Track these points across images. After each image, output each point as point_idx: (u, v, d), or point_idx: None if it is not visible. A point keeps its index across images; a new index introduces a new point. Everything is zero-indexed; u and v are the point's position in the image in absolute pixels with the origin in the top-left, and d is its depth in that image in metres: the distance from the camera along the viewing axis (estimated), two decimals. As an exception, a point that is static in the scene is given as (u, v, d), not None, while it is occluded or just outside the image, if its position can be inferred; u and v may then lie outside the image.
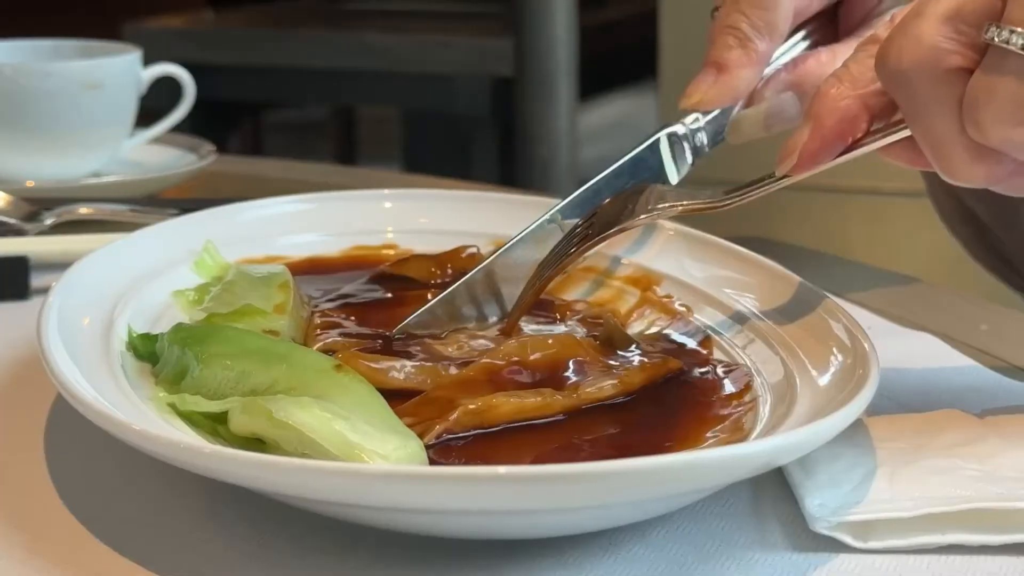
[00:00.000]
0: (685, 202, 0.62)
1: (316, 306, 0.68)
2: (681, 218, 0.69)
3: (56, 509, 0.54)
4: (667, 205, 0.62)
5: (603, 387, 0.58)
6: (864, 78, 0.56)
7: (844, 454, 0.54)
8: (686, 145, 0.71)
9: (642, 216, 0.63)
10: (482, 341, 0.63)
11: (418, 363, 0.59)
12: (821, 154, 0.56)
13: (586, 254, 0.65)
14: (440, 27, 2.32)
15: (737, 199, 0.60)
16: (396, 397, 0.56)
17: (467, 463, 0.53)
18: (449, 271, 0.71)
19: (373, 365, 0.58)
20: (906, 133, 0.55)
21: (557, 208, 0.69)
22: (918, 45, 0.52)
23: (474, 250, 0.72)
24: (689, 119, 0.71)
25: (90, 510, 0.54)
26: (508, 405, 0.56)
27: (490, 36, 2.22)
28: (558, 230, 0.68)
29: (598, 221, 0.64)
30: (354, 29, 2.33)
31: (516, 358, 0.59)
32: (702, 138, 0.71)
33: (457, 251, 0.73)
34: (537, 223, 0.68)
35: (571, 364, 0.59)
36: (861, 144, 0.56)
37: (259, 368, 0.55)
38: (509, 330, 0.65)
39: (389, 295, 0.70)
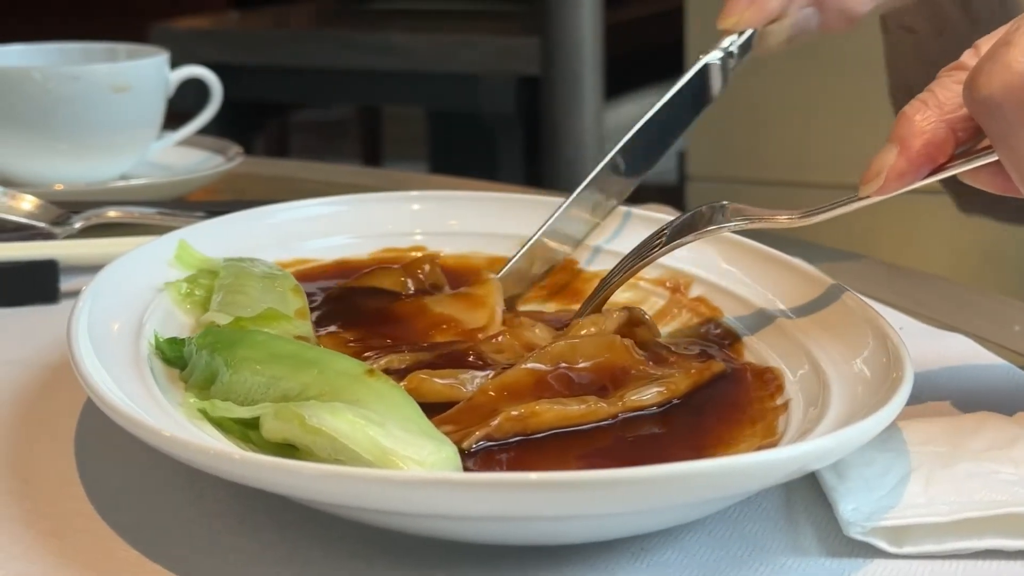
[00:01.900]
0: (763, 218, 0.62)
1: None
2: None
3: (87, 515, 0.54)
4: (743, 220, 0.62)
5: (649, 395, 0.58)
6: (950, 104, 0.56)
7: (878, 458, 0.54)
8: (721, 67, 0.77)
9: (713, 228, 0.63)
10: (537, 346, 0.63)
11: (484, 373, 0.59)
12: (908, 176, 0.57)
13: (652, 262, 0.65)
14: (465, 27, 2.32)
15: (815, 217, 0.60)
16: (436, 404, 0.56)
17: (509, 469, 0.53)
18: (422, 279, 0.70)
19: (440, 381, 0.58)
20: (993, 158, 0.55)
21: (616, 151, 0.73)
22: (1008, 71, 0.53)
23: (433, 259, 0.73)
24: (725, 42, 0.77)
25: (120, 516, 0.54)
26: (551, 413, 0.55)
27: (515, 35, 2.22)
28: (620, 171, 0.73)
29: (671, 230, 0.64)
30: (379, 29, 2.33)
31: (564, 363, 0.58)
32: (734, 59, 0.77)
33: (420, 260, 0.72)
34: (597, 170, 0.73)
35: (618, 370, 0.59)
36: (946, 168, 0.57)
37: (289, 373, 0.55)
38: (571, 331, 0.63)
39: (380, 306, 0.68)
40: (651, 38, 2.54)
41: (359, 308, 0.68)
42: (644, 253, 0.65)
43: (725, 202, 0.64)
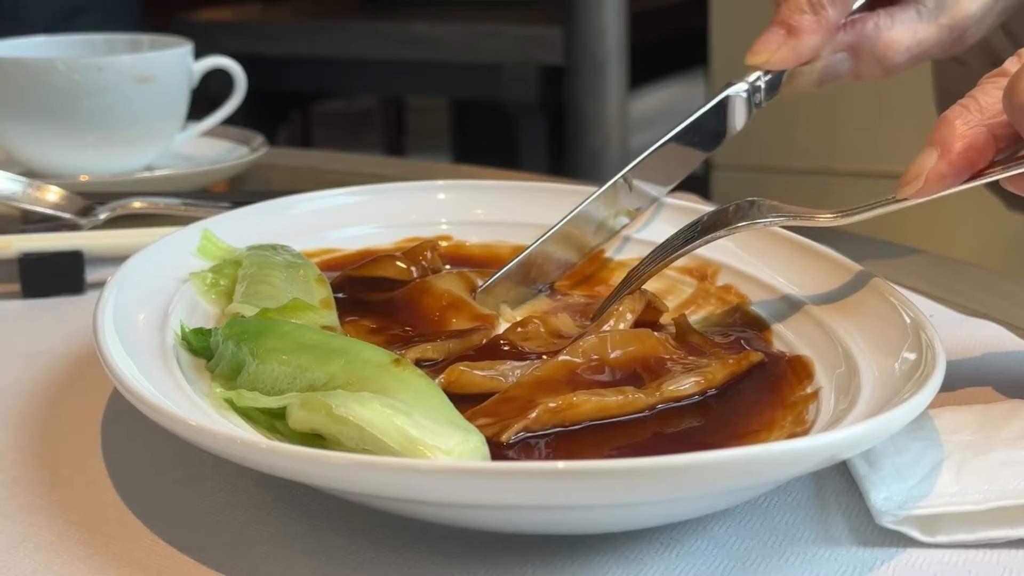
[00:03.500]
0: (800, 216, 0.61)
1: None
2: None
3: (114, 505, 0.54)
4: (780, 216, 0.62)
5: (686, 385, 0.57)
6: (992, 109, 0.56)
7: (909, 447, 0.53)
8: (746, 101, 0.75)
9: (746, 223, 0.62)
10: (564, 334, 0.62)
11: (523, 363, 0.59)
12: (947, 179, 0.57)
13: (684, 255, 0.65)
14: (488, 16, 2.31)
15: (853, 216, 0.60)
16: (468, 397, 0.56)
17: (547, 460, 0.52)
18: (425, 266, 0.70)
19: (480, 373, 0.58)
20: None
21: (627, 170, 0.72)
22: None
23: (437, 249, 0.72)
24: (751, 76, 0.75)
25: (147, 506, 0.54)
26: (589, 404, 0.55)
27: (539, 24, 2.22)
28: (629, 191, 0.72)
29: (704, 224, 0.64)
30: (402, 19, 2.33)
31: (596, 356, 0.58)
32: (760, 94, 0.75)
33: (422, 246, 0.72)
34: (607, 186, 0.72)
35: (652, 361, 0.59)
36: (986, 174, 0.57)
37: (316, 363, 0.55)
38: (598, 328, 0.63)
39: (385, 293, 0.68)
40: (675, 26, 2.53)
41: (367, 296, 0.68)
42: (677, 245, 0.64)
43: (760, 198, 0.63)
